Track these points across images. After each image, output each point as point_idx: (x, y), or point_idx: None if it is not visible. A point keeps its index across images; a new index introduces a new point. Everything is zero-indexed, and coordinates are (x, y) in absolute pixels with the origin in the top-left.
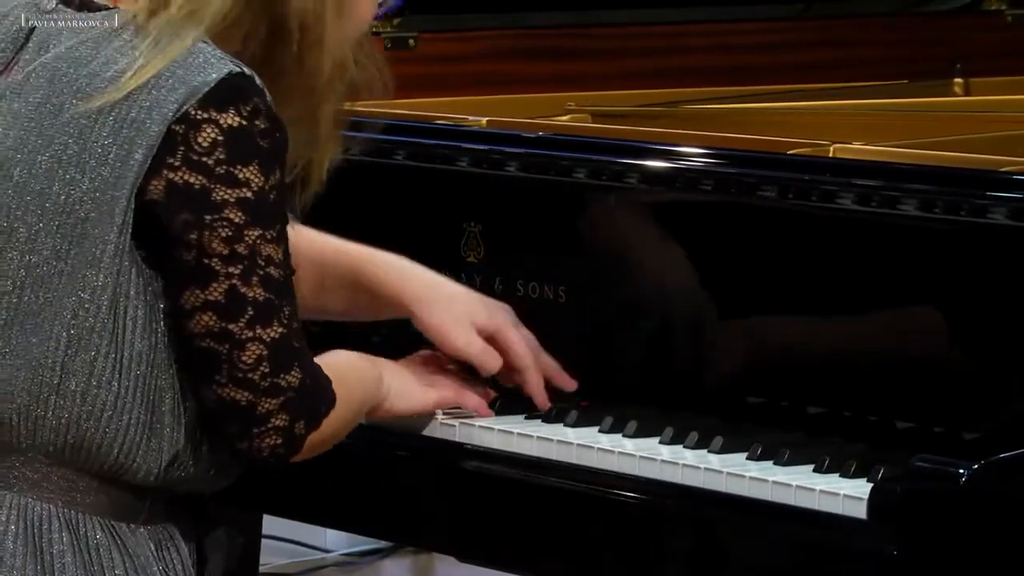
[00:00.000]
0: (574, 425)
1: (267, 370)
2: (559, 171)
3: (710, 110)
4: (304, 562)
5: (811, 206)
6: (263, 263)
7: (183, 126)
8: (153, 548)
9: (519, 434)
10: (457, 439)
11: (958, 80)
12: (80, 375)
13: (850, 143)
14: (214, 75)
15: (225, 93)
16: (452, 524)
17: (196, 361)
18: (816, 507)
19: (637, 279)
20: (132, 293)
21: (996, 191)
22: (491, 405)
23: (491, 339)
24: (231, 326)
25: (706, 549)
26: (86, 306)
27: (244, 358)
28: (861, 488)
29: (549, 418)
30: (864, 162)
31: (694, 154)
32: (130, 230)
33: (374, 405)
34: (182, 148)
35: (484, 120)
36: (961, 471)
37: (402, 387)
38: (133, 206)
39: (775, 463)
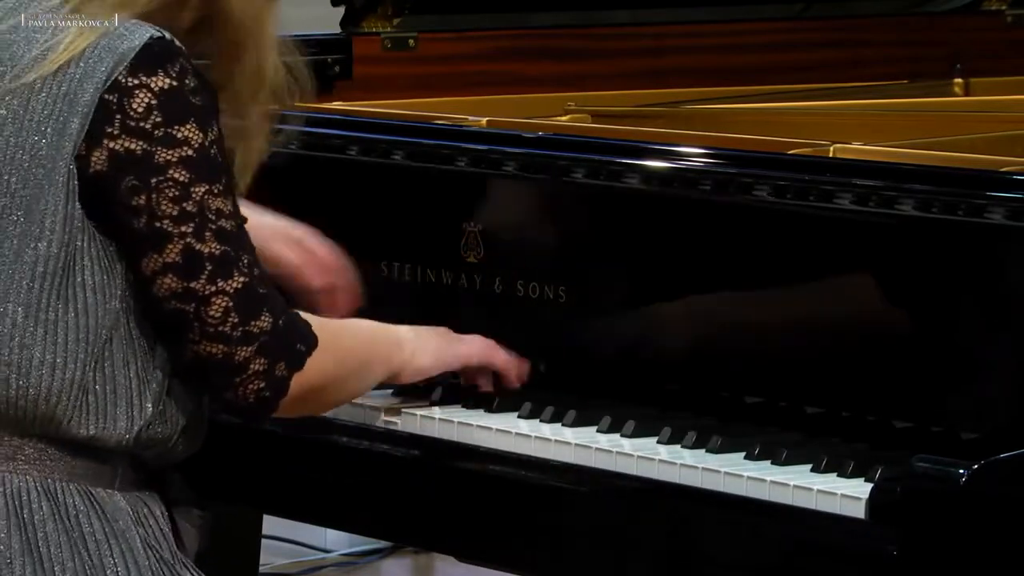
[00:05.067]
0: (572, 425)
1: (236, 320)
2: (559, 171)
3: (710, 110)
4: (304, 562)
5: (811, 206)
6: (213, 217)
7: (115, 94)
8: (131, 513)
9: (517, 434)
10: (456, 439)
11: (958, 80)
12: (40, 348)
13: (850, 143)
14: (137, 41)
15: (151, 56)
16: (451, 524)
17: (168, 323)
18: (814, 507)
19: (637, 279)
20: (86, 262)
21: (995, 191)
22: (489, 405)
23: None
24: (193, 284)
25: (704, 549)
26: (40, 279)
27: (212, 313)
28: (859, 488)
29: (547, 418)
30: (864, 162)
31: (694, 154)
32: (77, 199)
33: (398, 365)
34: (118, 116)
35: (484, 120)
36: (961, 471)
37: (428, 344)
38: (76, 175)
39: (773, 463)
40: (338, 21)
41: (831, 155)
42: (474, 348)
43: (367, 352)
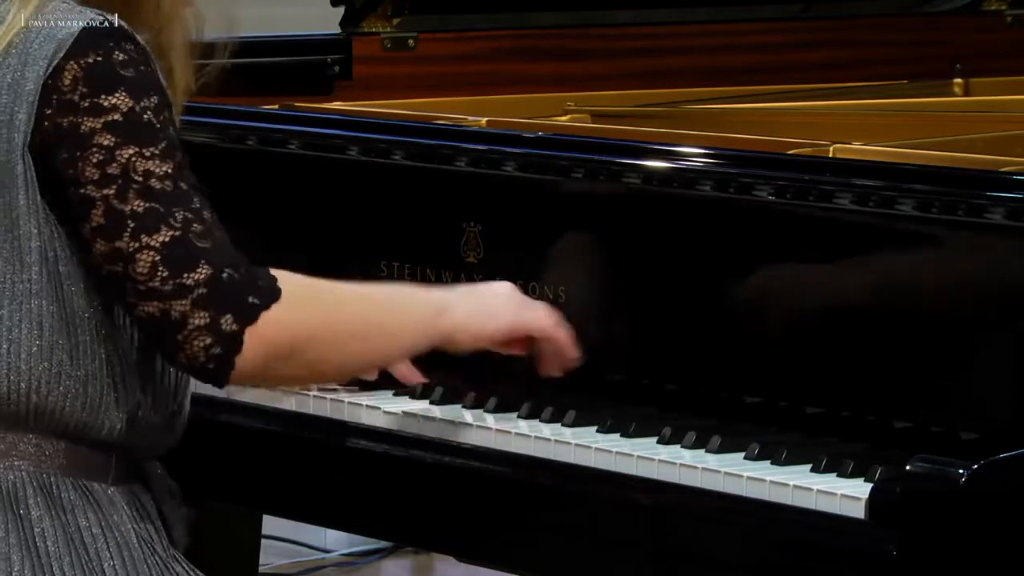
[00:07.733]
0: (572, 425)
1: (165, 274)
2: (559, 171)
3: (710, 110)
4: (304, 562)
5: (810, 206)
6: (140, 178)
7: (52, 78)
8: (126, 508)
9: (517, 434)
10: (456, 440)
11: (958, 80)
12: (28, 342)
13: (850, 143)
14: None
15: (87, 41)
16: (451, 524)
17: (111, 292)
18: (814, 507)
19: (636, 279)
20: (59, 252)
21: (995, 191)
22: (489, 405)
23: None
24: (118, 244)
25: (703, 549)
26: (20, 272)
27: (139, 269)
28: (859, 488)
29: (547, 418)
30: (864, 162)
31: (694, 154)
32: (37, 189)
33: (446, 330)
34: (54, 97)
35: (484, 120)
36: (961, 471)
37: (489, 305)
38: (31, 164)
39: (773, 463)
40: (338, 21)
41: (831, 155)
42: (544, 320)
43: (376, 315)
